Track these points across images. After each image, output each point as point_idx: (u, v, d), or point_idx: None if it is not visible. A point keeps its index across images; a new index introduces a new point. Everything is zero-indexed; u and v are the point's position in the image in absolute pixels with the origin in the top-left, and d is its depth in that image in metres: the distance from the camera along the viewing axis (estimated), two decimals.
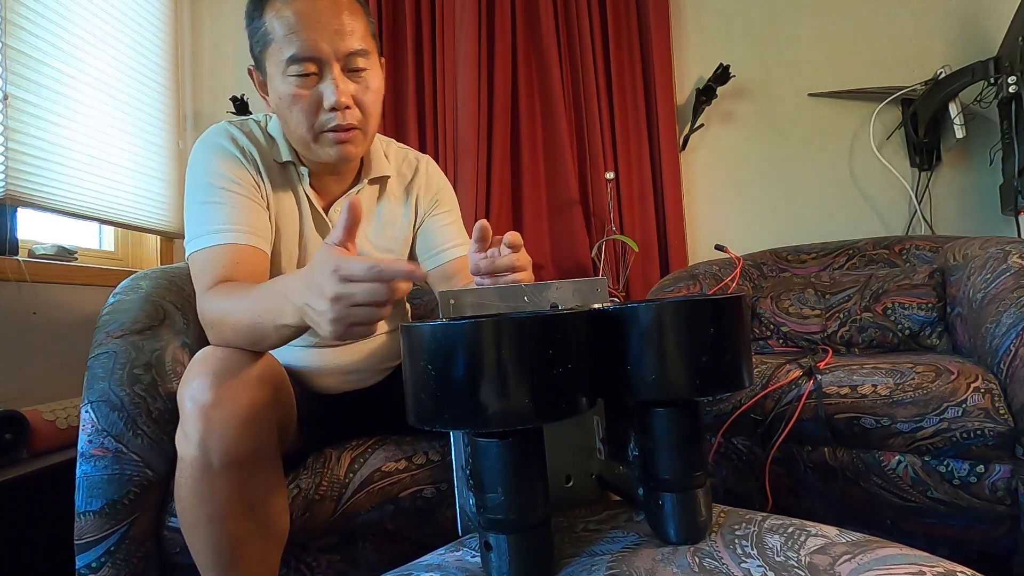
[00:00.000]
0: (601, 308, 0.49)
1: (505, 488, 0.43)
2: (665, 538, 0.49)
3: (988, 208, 1.66)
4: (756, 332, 1.46)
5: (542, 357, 0.40)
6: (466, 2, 1.87)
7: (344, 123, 0.77)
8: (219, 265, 0.74)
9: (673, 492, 0.48)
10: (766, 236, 1.82)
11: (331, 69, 0.76)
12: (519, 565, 0.43)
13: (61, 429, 1.28)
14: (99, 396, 0.78)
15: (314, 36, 0.74)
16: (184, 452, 0.66)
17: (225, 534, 0.67)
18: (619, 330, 0.46)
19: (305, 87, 0.76)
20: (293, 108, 0.77)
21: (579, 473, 0.59)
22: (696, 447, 0.48)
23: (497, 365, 0.39)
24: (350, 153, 0.81)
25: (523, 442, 0.44)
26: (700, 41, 1.96)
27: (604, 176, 1.80)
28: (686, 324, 0.45)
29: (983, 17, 1.70)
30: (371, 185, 0.93)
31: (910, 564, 0.41)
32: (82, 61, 1.58)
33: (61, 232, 1.65)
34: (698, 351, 0.45)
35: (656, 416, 0.48)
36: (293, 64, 0.75)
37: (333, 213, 0.89)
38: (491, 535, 0.44)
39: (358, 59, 0.78)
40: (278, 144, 0.86)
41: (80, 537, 0.74)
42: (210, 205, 0.78)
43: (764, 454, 0.99)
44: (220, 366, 0.67)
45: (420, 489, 0.86)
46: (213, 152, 0.81)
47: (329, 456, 0.85)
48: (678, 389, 0.45)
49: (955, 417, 0.85)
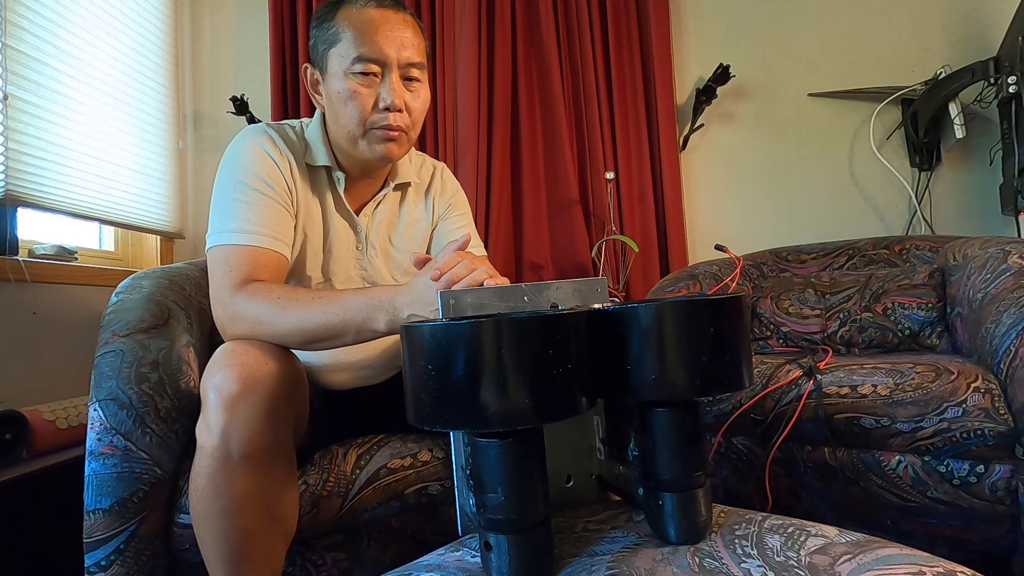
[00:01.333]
0: (601, 308, 0.49)
1: (505, 488, 0.43)
2: (665, 538, 0.49)
3: (988, 208, 1.66)
4: (756, 332, 1.46)
5: (542, 357, 0.40)
6: (466, 2, 1.87)
7: (395, 124, 0.83)
8: (245, 264, 0.77)
9: (673, 492, 0.48)
10: (766, 236, 1.82)
11: (391, 73, 0.83)
12: (519, 565, 0.43)
13: (61, 429, 1.28)
14: (107, 394, 0.78)
15: (382, 41, 0.81)
16: (205, 442, 0.67)
17: (238, 527, 0.68)
18: (619, 330, 0.46)
19: (365, 85, 0.82)
20: (349, 103, 0.82)
21: (579, 473, 0.59)
22: (696, 447, 0.48)
23: (497, 365, 0.39)
24: (393, 152, 0.86)
25: (523, 442, 0.44)
26: (700, 41, 1.96)
27: (604, 176, 1.80)
28: (686, 324, 0.45)
29: (983, 17, 1.70)
30: (395, 191, 0.98)
31: (910, 564, 0.41)
32: (82, 61, 1.58)
33: (61, 232, 1.65)
34: (698, 351, 0.45)
35: (656, 416, 0.48)
36: (359, 63, 0.81)
37: (364, 216, 0.94)
38: (491, 535, 0.44)
39: (415, 70, 0.85)
40: (313, 148, 0.90)
41: (89, 535, 0.74)
42: (241, 204, 0.80)
43: (764, 454, 0.99)
44: (245, 359, 0.69)
45: (425, 486, 0.86)
46: (251, 151, 0.84)
47: (336, 453, 0.85)
48: (678, 389, 0.45)
49: (955, 417, 0.85)
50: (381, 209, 0.96)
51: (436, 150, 1.91)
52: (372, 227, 0.95)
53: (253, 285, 0.76)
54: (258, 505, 0.68)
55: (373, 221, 0.95)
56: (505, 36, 1.89)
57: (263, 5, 2.02)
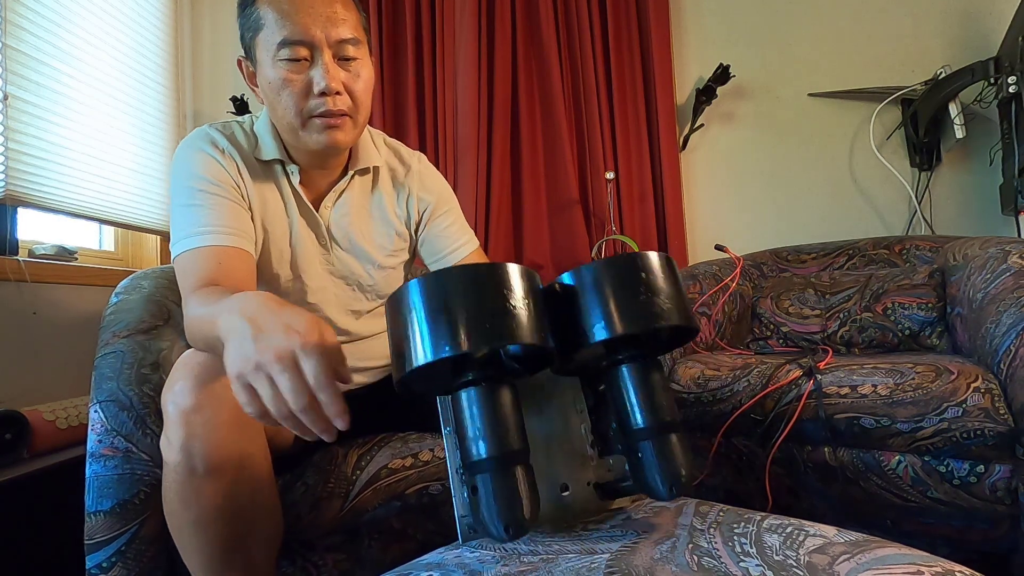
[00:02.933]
0: (551, 285, 0.54)
1: (482, 429, 0.47)
2: (654, 492, 0.50)
3: (988, 208, 1.66)
4: (756, 332, 1.46)
5: (497, 292, 0.47)
6: (466, 2, 1.87)
7: (334, 108, 0.77)
8: (201, 268, 0.73)
9: (648, 440, 0.50)
10: (766, 236, 1.82)
11: (322, 55, 0.76)
12: (504, 498, 0.46)
13: (61, 429, 1.28)
14: (108, 396, 0.78)
15: (306, 21, 0.74)
16: (168, 457, 0.65)
17: (212, 539, 0.66)
18: (569, 297, 0.52)
19: (295, 71, 0.76)
20: (282, 93, 0.77)
21: (575, 481, 0.59)
22: (664, 396, 0.52)
23: (464, 301, 0.46)
24: (338, 140, 0.79)
25: (495, 388, 0.49)
26: (700, 41, 1.96)
27: (604, 176, 1.80)
28: (618, 272, 0.51)
29: (983, 17, 1.70)
30: (361, 176, 0.92)
31: (908, 564, 0.41)
32: (82, 61, 1.58)
33: (61, 232, 1.65)
34: (633, 292, 0.50)
35: (620, 373, 0.53)
36: (284, 48, 0.75)
37: (324, 209, 0.88)
38: (477, 479, 0.47)
39: (349, 47, 0.78)
40: (261, 143, 0.85)
41: (90, 537, 0.73)
42: (191, 208, 0.77)
43: (764, 454, 0.99)
44: (201, 369, 0.66)
45: (426, 486, 0.86)
46: (193, 156, 0.81)
47: (336, 453, 0.85)
48: (623, 325, 0.49)
49: (955, 417, 0.85)
50: (344, 200, 0.90)
51: (436, 150, 1.91)
52: (334, 220, 0.89)
53: (201, 290, 0.70)
54: (230, 515, 0.66)
55: (335, 213, 0.89)
56: (505, 36, 1.89)
57: None
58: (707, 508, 0.57)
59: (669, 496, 0.49)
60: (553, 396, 0.61)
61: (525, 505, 0.46)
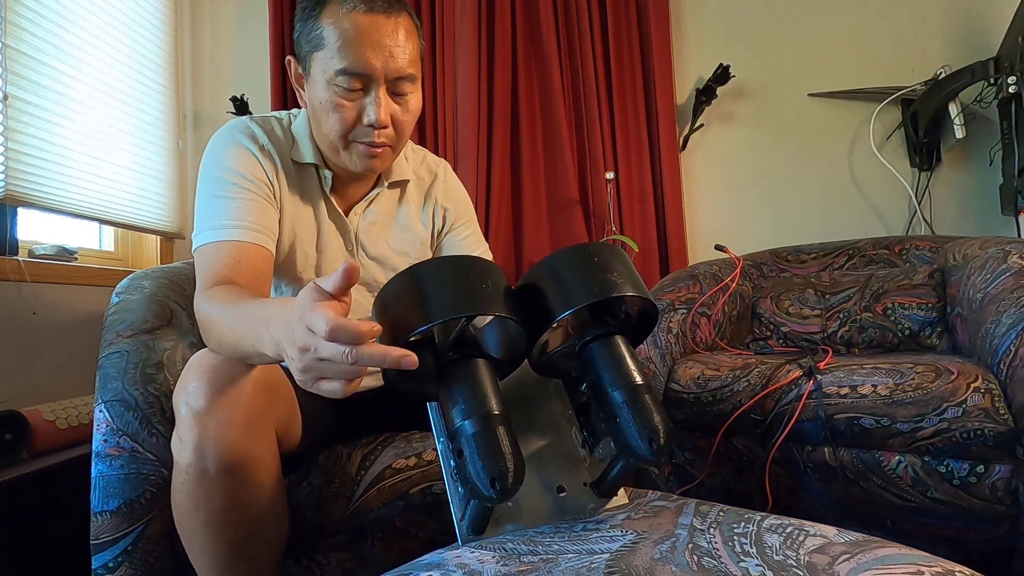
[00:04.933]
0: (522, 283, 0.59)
1: (463, 393, 0.51)
2: (636, 454, 0.51)
3: (988, 208, 1.66)
4: (756, 332, 1.46)
5: (467, 274, 0.53)
6: (466, 2, 1.87)
7: (378, 140, 0.79)
8: (220, 263, 0.73)
9: (623, 403, 0.53)
10: (766, 236, 1.82)
11: (377, 87, 0.76)
12: (488, 453, 0.47)
13: (61, 429, 1.28)
14: (113, 395, 0.77)
15: (368, 55, 0.74)
16: (180, 458, 0.65)
17: (221, 540, 0.66)
18: (532, 288, 0.56)
19: (348, 99, 0.76)
20: (332, 115, 0.77)
21: (571, 482, 0.60)
22: (632, 362, 0.55)
23: (441, 280, 0.52)
24: (376, 168, 0.82)
25: (471, 360, 0.53)
26: (700, 41, 1.96)
27: (604, 176, 1.80)
28: (568, 257, 0.57)
29: (983, 17, 1.70)
30: (391, 189, 0.93)
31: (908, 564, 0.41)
32: (82, 61, 1.58)
33: (61, 232, 1.65)
34: (588, 270, 0.55)
35: (590, 352, 0.57)
36: (341, 76, 0.75)
37: (353, 216, 0.89)
38: (461, 441, 0.49)
39: (405, 84, 0.79)
40: (300, 144, 0.85)
41: (96, 537, 0.73)
42: (219, 199, 0.77)
43: (764, 454, 0.99)
44: (215, 371, 0.66)
45: (430, 485, 0.86)
46: (229, 146, 0.80)
47: (340, 454, 0.85)
48: (579, 298, 0.53)
49: (955, 417, 0.85)
50: (373, 208, 0.91)
51: (436, 150, 1.91)
52: (362, 227, 0.91)
53: (216, 288, 0.69)
54: (240, 517, 0.66)
55: (363, 221, 0.91)
56: (505, 36, 1.89)
57: (263, 5, 2.02)
58: (707, 508, 0.57)
59: (652, 452, 0.50)
60: (543, 409, 0.64)
61: (509, 460, 0.48)
